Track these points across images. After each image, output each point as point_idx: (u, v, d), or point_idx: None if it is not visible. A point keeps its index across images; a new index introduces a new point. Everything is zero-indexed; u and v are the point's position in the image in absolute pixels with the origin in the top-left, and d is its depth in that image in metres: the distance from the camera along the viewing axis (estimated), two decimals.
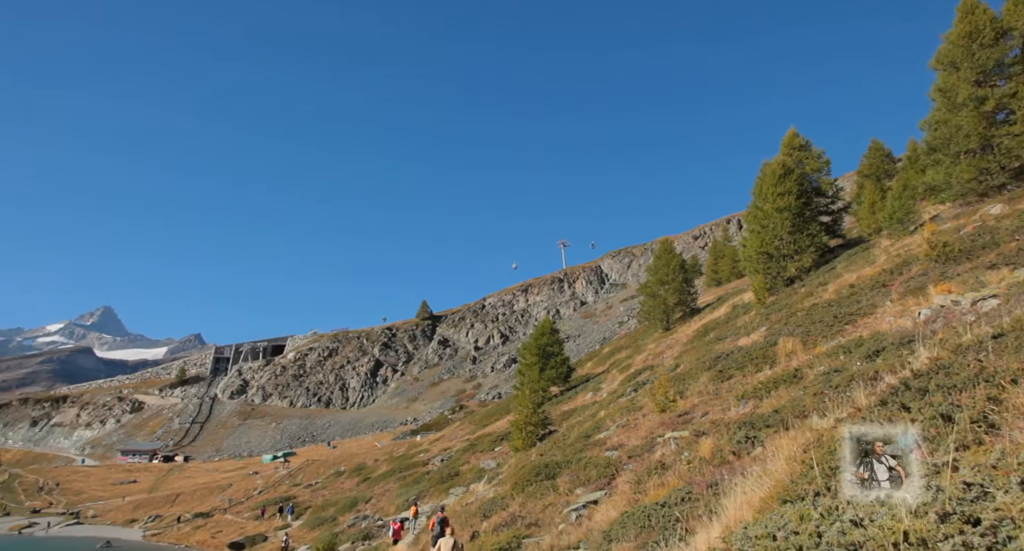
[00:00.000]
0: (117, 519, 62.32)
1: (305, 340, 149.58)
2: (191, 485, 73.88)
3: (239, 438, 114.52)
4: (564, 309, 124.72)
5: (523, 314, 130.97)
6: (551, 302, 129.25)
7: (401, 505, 30.04)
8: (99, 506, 70.77)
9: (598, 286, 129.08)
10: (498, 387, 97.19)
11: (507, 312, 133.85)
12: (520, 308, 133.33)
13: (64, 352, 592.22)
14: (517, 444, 26.57)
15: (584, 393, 35.26)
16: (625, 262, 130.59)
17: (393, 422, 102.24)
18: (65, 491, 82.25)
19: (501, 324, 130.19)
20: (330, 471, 56.78)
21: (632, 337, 55.93)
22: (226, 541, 37.02)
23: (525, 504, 14.35)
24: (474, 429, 48.17)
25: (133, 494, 75.52)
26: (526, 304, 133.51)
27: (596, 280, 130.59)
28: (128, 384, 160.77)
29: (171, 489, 73.49)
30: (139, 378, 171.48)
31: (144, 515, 61.11)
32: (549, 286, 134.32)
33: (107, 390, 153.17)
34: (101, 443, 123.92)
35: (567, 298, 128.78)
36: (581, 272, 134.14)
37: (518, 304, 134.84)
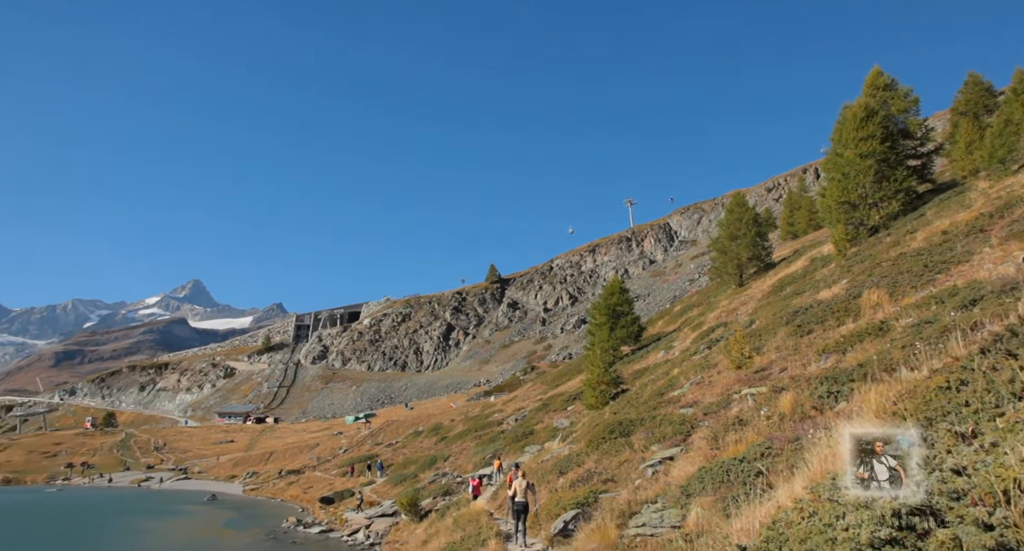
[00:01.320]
0: (219, 475, 67.28)
1: (379, 306, 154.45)
2: (282, 444, 78.58)
3: (322, 401, 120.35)
4: (632, 268, 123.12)
5: (591, 275, 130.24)
6: (619, 262, 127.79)
7: (478, 463, 30.97)
8: (203, 463, 76.52)
9: (667, 244, 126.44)
10: (568, 348, 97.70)
11: (575, 273, 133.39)
12: (588, 269, 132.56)
13: (162, 323, 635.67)
14: (590, 403, 26.73)
15: (656, 352, 34.94)
16: (695, 218, 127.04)
17: (466, 384, 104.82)
18: (173, 449, 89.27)
19: (569, 285, 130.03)
20: (409, 431, 59.00)
21: (704, 294, 54.74)
22: (317, 496, 39.27)
23: (600, 461, 14.49)
24: (546, 389, 48.76)
25: (231, 453, 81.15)
26: (594, 264, 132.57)
27: (665, 238, 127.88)
28: (220, 352, 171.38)
29: (264, 448, 78.40)
30: (229, 346, 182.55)
31: (242, 472, 65.67)
32: (616, 246, 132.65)
33: (202, 357, 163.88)
34: (200, 406, 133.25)
35: (635, 257, 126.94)
36: (649, 230, 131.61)
37: (586, 265, 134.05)
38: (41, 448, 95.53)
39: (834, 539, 3.27)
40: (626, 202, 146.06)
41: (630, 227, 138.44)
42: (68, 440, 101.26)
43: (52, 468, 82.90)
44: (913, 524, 3.15)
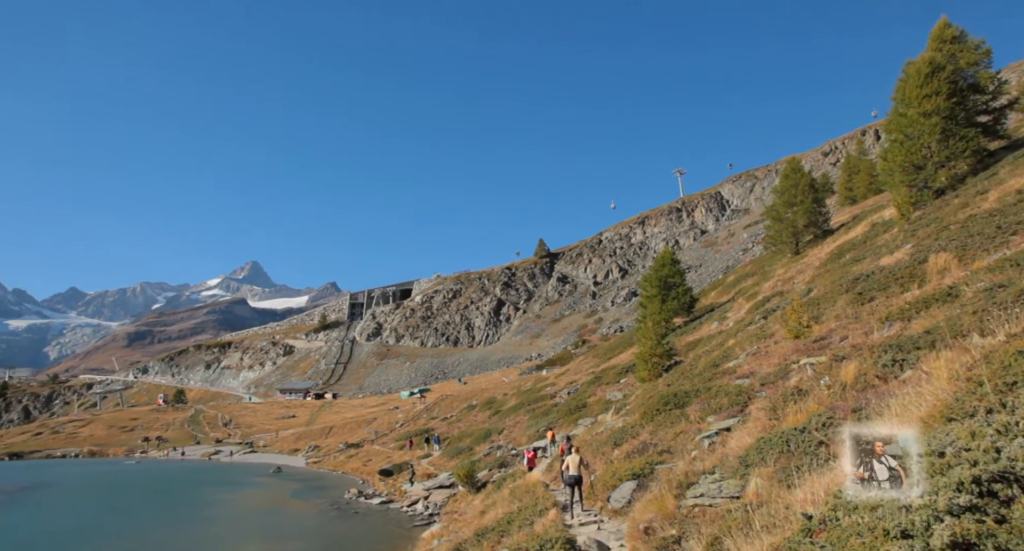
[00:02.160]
0: (283, 448, 70.18)
1: (430, 283, 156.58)
2: (341, 419, 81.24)
3: (378, 376, 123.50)
4: (683, 239, 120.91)
5: (641, 247, 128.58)
6: (669, 233, 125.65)
7: (532, 436, 31.33)
8: (267, 437, 79.92)
9: (718, 213, 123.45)
10: (619, 321, 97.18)
11: (624, 246, 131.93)
12: (637, 241, 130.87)
13: (223, 304, 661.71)
14: (643, 375, 26.59)
15: (709, 323, 34.40)
16: (747, 186, 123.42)
17: (518, 358, 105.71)
18: (239, 424, 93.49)
19: (619, 258, 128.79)
20: (463, 405, 60.06)
21: (758, 264, 53.37)
22: (376, 468, 40.53)
23: (655, 432, 14.45)
24: (598, 362, 48.73)
25: (293, 427, 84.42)
26: (643, 236, 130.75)
27: (716, 207, 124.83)
28: (279, 330, 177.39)
29: (324, 423, 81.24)
30: (287, 324, 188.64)
31: (304, 445, 68.30)
32: (667, 217, 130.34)
33: (262, 336, 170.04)
34: (262, 383, 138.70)
35: (686, 228, 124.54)
36: (700, 200, 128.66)
37: (635, 237, 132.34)
38: (120, 423, 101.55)
39: (908, 506, 3.18)
40: (675, 172, 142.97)
41: (680, 197, 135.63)
42: (143, 416, 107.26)
43: (130, 442, 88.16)
44: (995, 491, 3.03)
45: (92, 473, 53.51)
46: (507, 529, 11.93)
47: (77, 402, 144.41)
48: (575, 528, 10.53)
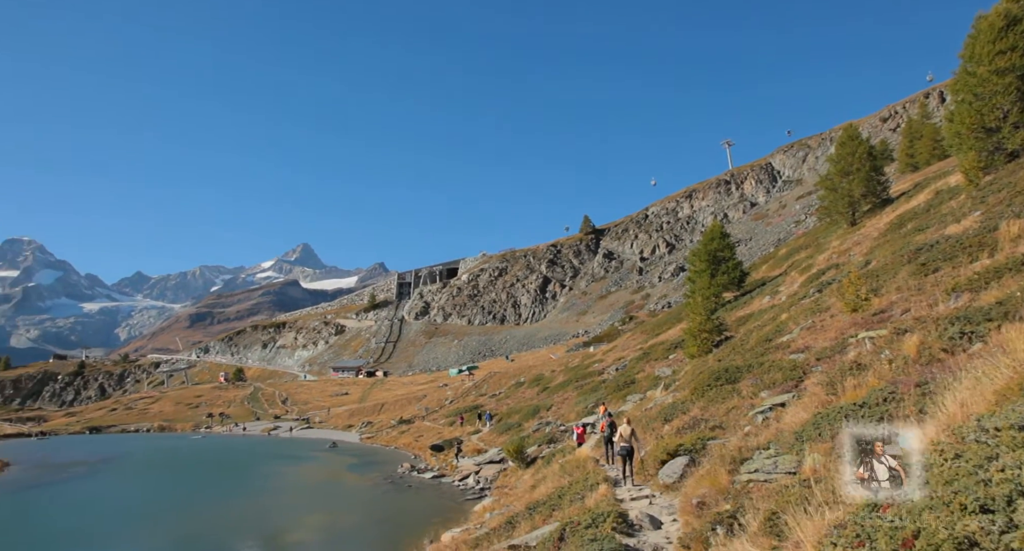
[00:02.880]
0: (337, 424, 72.36)
1: (476, 262, 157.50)
2: (392, 396, 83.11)
3: (427, 354, 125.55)
4: (732, 212, 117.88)
5: (688, 221, 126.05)
6: (718, 206, 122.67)
7: (581, 412, 31.43)
8: (322, 413, 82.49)
9: (769, 185, 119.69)
10: (667, 297, 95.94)
11: (671, 220, 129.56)
12: (685, 215, 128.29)
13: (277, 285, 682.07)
14: (692, 351, 26.25)
15: (760, 297, 33.60)
16: (799, 156, 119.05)
17: (565, 335, 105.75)
18: (295, 401, 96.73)
19: (666, 233, 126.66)
20: (511, 382, 60.60)
21: (812, 236, 51.66)
22: (427, 444, 41.40)
23: (706, 408, 14.27)
24: (646, 339, 48.32)
25: (346, 404, 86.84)
26: (691, 210, 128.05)
27: (767, 179, 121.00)
28: (330, 310, 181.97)
29: (376, 400, 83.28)
30: (338, 304, 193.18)
31: (358, 421, 70.25)
32: (714, 190, 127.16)
33: (314, 316, 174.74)
34: (316, 361, 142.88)
35: (735, 200, 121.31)
36: (749, 172, 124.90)
37: (682, 211, 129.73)
38: (185, 400, 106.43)
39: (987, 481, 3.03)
40: (724, 143, 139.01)
41: (728, 169, 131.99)
42: (206, 393, 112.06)
43: (196, 417, 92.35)
44: None
45: (164, 447, 56.43)
46: (558, 503, 12.04)
47: (146, 380, 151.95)
48: (626, 503, 10.54)
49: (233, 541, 18.10)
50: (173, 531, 19.83)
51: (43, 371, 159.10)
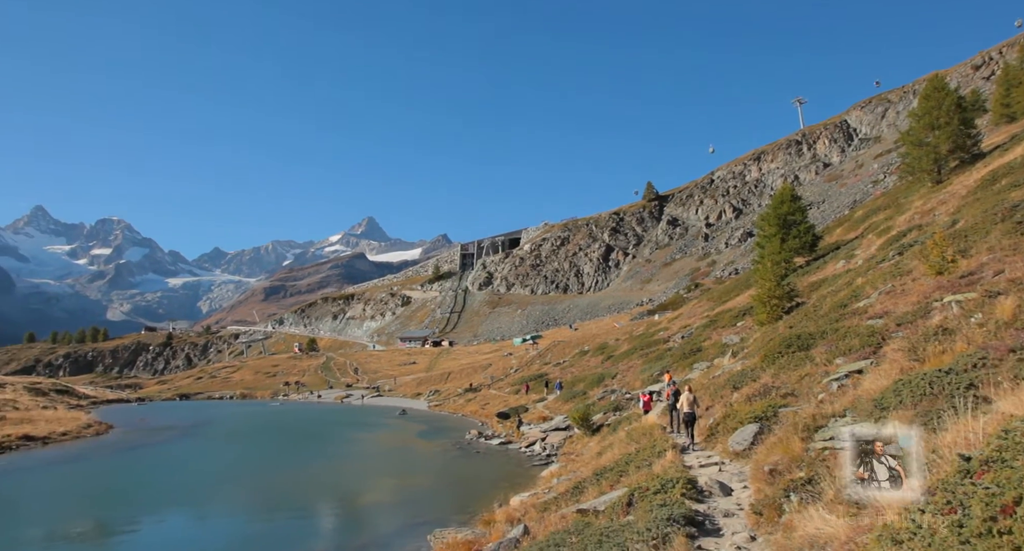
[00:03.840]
0: (406, 393, 74.69)
1: (538, 231, 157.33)
2: (458, 365, 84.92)
3: (491, 324, 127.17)
4: (804, 174, 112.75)
5: (756, 184, 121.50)
6: (788, 168, 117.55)
7: (646, 380, 31.26)
8: (390, 382, 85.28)
9: (844, 144, 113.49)
10: (734, 263, 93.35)
11: (738, 184, 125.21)
12: (752, 178, 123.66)
13: (344, 258, 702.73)
14: (761, 318, 25.54)
15: (834, 261, 32.21)
16: (878, 111, 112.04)
17: (628, 304, 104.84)
18: (365, 370, 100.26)
19: (732, 197, 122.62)
20: (575, 351, 60.75)
21: (891, 196, 48.87)
22: (493, 411, 42.21)
23: (777, 375, 13.92)
24: (712, 306, 47.30)
25: (414, 373, 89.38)
26: (759, 173, 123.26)
27: (842, 137, 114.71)
28: (396, 282, 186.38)
29: (443, 369, 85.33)
30: (403, 276, 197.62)
31: (426, 390, 72.27)
32: (784, 151, 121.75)
33: (381, 288, 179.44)
34: (384, 332, 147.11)
35: (806, 161, 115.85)
36: (823, 130, 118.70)
37: (750, 174, 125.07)
38: (263, 369, 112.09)
39: None
40: (794, 102, 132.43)
41: (800, 129, 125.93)
42: (283, 363, 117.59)
43: (273, 385, 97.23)
44: None
45: (247, 413, 59.79)
46: (625, 469, 12.10)
47: (227, 350, 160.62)
48: (695, 469, 10.49)
49: (313, 500, 19.12)
50: (258, 490, 21.11)
51: (136, 342, 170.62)
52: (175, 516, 17.50)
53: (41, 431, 34.25)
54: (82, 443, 33.54)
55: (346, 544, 13.32)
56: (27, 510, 18.15)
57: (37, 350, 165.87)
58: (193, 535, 15.44)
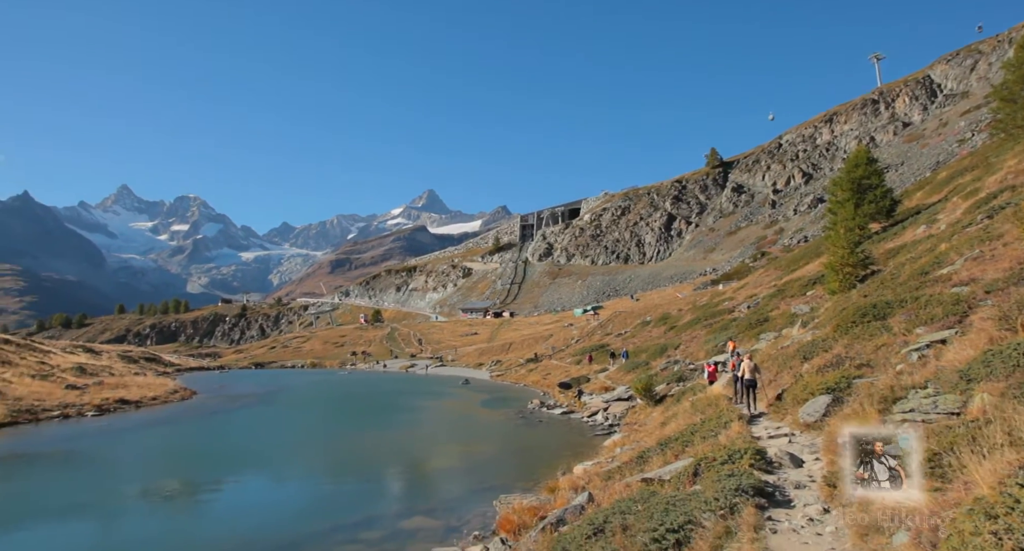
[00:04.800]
0: (468, 363, 76.02)
1: (598, 201, 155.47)
2: (519, 336, 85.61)
3: (551, 295, 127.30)
4: (880, 135, 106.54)
5: (828, 148, 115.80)
6: (863, 129, 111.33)
7: (710, 350, 30.71)
8: (453, 352, 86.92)
9: (926, 101, 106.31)
10: (803, 230, 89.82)
11: (808, 148, 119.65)
12: (824, 141, 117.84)
13: (406, 231, 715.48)
14: (833, 287, 24.57)
15: (914, 227, 30.51)
16: (967, 65, 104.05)
17: (691, 273, 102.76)
18: (428, 341, 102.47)
19: (802, 162, 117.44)
20: (637, 321, 60.18)
21: (979, 155, 45.63)
22: (555, 381, 42.49)
23: (851, 346, 13.41)
24: (780, 275, 45.78)
25: (475, 343, 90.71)
26: (831, 136, 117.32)
27: (924, 94, 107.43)
28: (456, 254, 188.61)
29: (504, 339, 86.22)
30: (464, 248, 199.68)
31: (487, 360, 73.32)
32: (859, 111, 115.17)
33: (442, 260, 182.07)
34: (445, 303, 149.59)
35: (884, 122, 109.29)
36: (902, 87, 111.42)
37: (821, 137, 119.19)
38: (331, 339, 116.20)
39: None
40: (872, 58, 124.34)
41: (877, 87, 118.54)
42: (349, 333, 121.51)
43: (341, 355, 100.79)
44: None
45: (318, 381, 62.36)
46: (690, 439, 11.99)
47: (297, 321, 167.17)
48: (763, 440, 10.30)
49: (382, 464, 19.86)
50: (330, 454, 22.08)
51: (214, 313, 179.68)
52: (254, 477, 18.54)
53: (134, 395, 36.78)
54: (169, 407, 35.84)
55: (415, 507, 13.79)
56: (125, 467, 19.62)
57: (127, 321, 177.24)
58: (270, 496, 16.33)
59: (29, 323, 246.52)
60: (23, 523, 13.31)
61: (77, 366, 45.41)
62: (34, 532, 12.74)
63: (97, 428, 27.10)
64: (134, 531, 12.85)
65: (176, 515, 14.24)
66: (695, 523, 6.32)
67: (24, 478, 17.63)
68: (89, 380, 40.27)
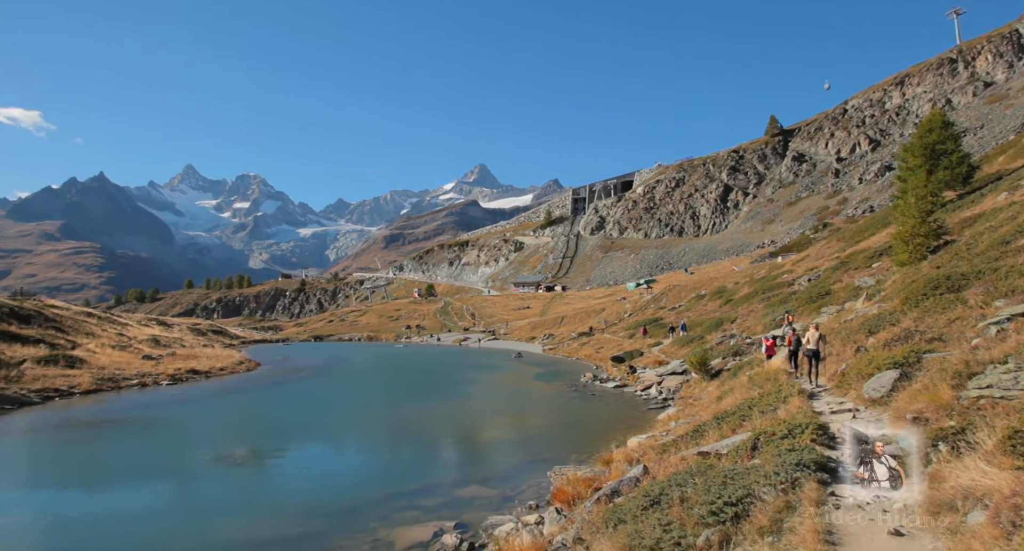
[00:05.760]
0: (521, 336, 76.48)
1: (651, 173, 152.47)
2: (571, 310, 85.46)
3: (603, 269, 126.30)
4: (957, 97, 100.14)
5: (898, 112, 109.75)
6: (937, 91, 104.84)
7: (768, 324, 29.95)
8: (506, 326, 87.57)
9: (1012, 57, 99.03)
10: (869, 200, 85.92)
11: (876, 113, 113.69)
12: (894, 106, 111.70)
13: (458, 206, 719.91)
14: (902, 258, 23.49)
15: (994, 194, 28.75)
16: None
17: (748, 246, 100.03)
18: (481, 315, 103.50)
19: (868, 128, 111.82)
20: (691, 295, 59.13)
21: None
22: (607, 355, 42.33)
23: (921, 319, 12.82)
24: (843, 247, 44.04)
25: (527, 317, 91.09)
26: (901, 100, 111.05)
27: (1010, 50, 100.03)
28: (508, 228, 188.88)
29: (556, 313, 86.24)
30: (515, 222, 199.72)
31: (540, 334, 73.58)
32: (934, 71, 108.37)
33: (494, 234, 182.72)
34: (497, 277, 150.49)
35: (962, 82, 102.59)
36: (985, 44, 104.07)
37: (890, 101, 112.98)
38: (387, 313, 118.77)
39: None
40: (950, 13, 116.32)
41: (956, 45, 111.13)
42: (404, 307, 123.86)
43: (396, 328, 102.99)
44: None
45: (374, 354, 64.04)
46: (748, 414, 11.76)
47: (353, 295, 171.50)
48: (825, 416, 10.00)
49: (438, 435, 20.31)
50: (387, 424, 22.71)
51: (275, 288, 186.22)
52: (315, 445, 19.26)
53: (204, 366, 38.61)
54: (236, 377, 37.48)
55: (470, 476, 14.06)
56: (198, 433, 20.69)
57: (195, 295, 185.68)
58: (332, 463, 16.96)
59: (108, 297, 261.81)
60: (113, 482, 14.26)
61: (152, 338, 47.90)
62: (122, 491, 13.64)
63: (171, 396, 28.62)
64: (209, 493, 13.59)
65: (245, 479, 14.96)
66: (754, 497, 6.22)
67: (111, 441, 18.82)
68: (163, 351, 42.49)
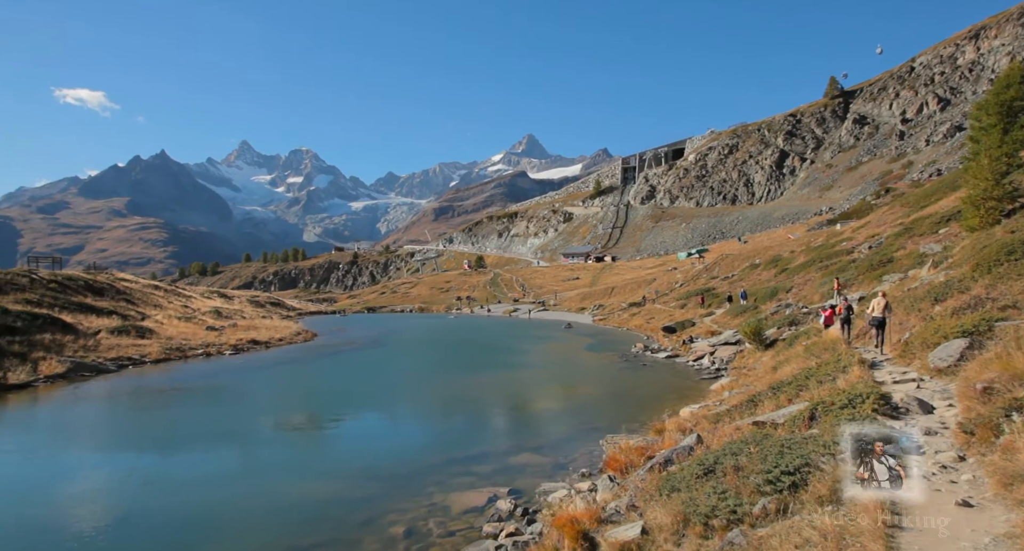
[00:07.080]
0: (571, 307, 76.51)
1: (703, 140, 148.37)
2: (621, 280, 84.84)
3: (654, 238, 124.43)
4: None
5: (971, 69, 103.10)
6: (1017, 43, 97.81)
7: (825, 293, 29.14)
8: (555, 297, 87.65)
9: None
10: (936, 163, 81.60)
11: (947, 70, 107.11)
12: (967, 61, 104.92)
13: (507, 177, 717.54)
14: (972, 224, 22.37)
15: None
16: None
17: (805, 213, 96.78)
18: (530, 286, 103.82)
19: (938, 87, 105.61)
20: (744, 264, 57.82)
21: None
22: (658, 325, 41.98)
23: (993, 286, 12.25)
24: (908, 212, 42.09)
25: (577, 288, 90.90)
26: (976, 55, 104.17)
27: None
28: (557, 199, 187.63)
29: (606, 284, 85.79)
30: (564, 193, 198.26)
31: (590, 304, 73.44)
32: (1014, 23, 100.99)
33: (543, 205, 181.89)
34: (546, 248, 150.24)
35: None
36: None
37: (963, 57, 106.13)
38: (437, 285, 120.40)
39: None
40: None
41: None
42: (454, 279, 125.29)
43: (447, 300, 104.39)
44: None
45: (427, 325, 65.21)
46: (805, 384, 11.56)
47: (404, 268, 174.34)
48: (888, 385, 9.76)
49: (491, 404, 20.69)
50: (440, 394, 23.23)
51: (328, 261, 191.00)
52: (371, 413, 19.90)
53: (263, 336, 40.14)
54: (294, 348, 38.85)
55: (523, 444, 14.32)
56: (260, 401, 21.65)
57: (253, 268, 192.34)
58: (388, 430, 17.52)
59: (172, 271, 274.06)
60: (186, 446, 15.14)
61: (214, 309, 49.97)
62: (194, 454, 14.46)
63: (234, 365, 29.93)
64: (273, 457, 14.27)
65: (307, 444, 15.64)
66: (813, 466, 6.16)
67: (182, 407, 19.89)
68: (225, 322, 44.31)
